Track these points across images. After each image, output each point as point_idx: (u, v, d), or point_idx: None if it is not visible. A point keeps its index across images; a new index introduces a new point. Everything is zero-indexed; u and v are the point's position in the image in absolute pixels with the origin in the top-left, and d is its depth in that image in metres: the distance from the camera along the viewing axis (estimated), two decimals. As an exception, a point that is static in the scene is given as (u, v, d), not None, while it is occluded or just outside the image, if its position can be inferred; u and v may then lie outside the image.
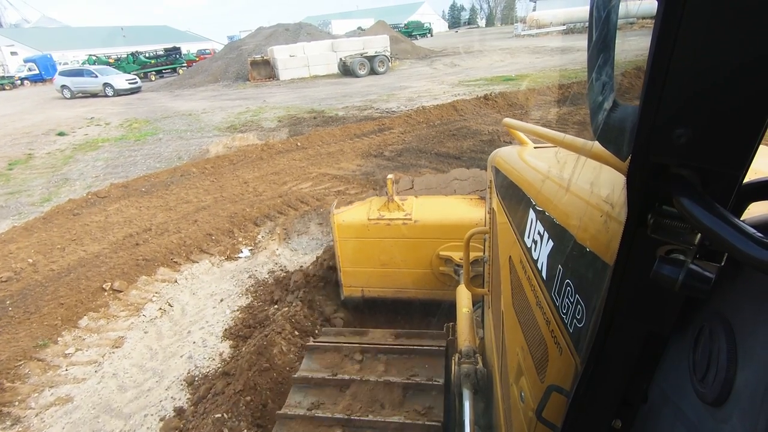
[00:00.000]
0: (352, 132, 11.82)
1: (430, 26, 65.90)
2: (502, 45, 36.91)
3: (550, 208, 1.03)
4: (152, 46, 57.79)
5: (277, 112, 16.65)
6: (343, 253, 3.97)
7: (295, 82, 26.12)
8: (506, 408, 1.40)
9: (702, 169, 0.52)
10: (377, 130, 11.88)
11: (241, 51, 32.88)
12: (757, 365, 0.51)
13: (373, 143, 10.80)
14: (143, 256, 5.89)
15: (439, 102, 15.54)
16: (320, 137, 11.47)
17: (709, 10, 0.44)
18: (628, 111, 0.57)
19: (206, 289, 5.17)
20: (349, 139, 11.37)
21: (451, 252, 3.67)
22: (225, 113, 17.29)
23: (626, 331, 0.69)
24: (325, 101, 18.23)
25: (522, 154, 1.57)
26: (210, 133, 13.70)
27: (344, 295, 4.18)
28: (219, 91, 25.14)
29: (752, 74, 0.45)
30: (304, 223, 6.65)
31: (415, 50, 35.54)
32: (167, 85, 29.59)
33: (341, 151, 10.45)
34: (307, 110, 16.42)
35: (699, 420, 0.60)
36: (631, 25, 0.65)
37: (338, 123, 13.40)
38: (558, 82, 16.59)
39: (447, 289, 3.69)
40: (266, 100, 19.77)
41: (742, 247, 0.43)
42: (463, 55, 32.57)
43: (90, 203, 8.16)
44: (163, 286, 5.29)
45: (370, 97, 18.42)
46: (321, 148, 10.69)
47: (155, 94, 26.17)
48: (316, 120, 14.01)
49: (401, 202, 3.86)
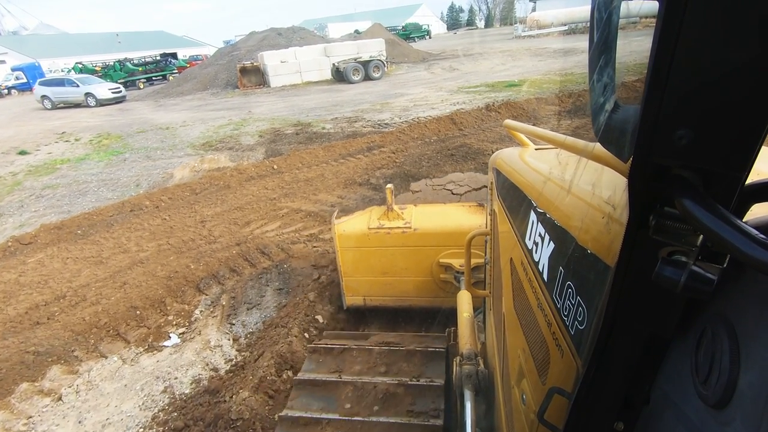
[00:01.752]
0: (337, 152, 10.26)
1: (429, 28, 64.32)
2: (502, 47, 35.29)
3: (552, 210, 1.01)
4: (148, 52, 56.71)
5: (260, 125, 15.11)
6: (344, 263, 3.95)
7: (285, 90, 24.57)
8: (508, 410, 1.39)
9: (704, 171, 0.52)
10: (365, 149, 10.32)
11: (232, 57, 31.34)
12: (760, 367, 0.50)
13: (360, 166, 9.24)
14: (37, 345, 4.33)
15: (436, 112, 13.97)
16: (300, 158, 9.91)
17: (710, 10, 0.43)
18: (630, 112, 0.57)
19: (100, 414, 3.57)
20: (333, 160, 9.81)
21: (451, 259, 3.65)
22: (205, 126, 15.74)
23: (628, 333, 0.69)
24: (314, 112, 16.68)
25: (523, 156, 1.57)
26: (181, 152, 12.16)
27: (346, 304, 4.18)
28: (205, 100, 23.59)
29: (754, 75, 0.44)
30: (259, 289, 5.09)
31: (413, 53, 33.94)
32: (154, 93, 28.04)
33: (321, 176, 8.89)
34: (293, 122, 14.87)
35: (701, 422, 0.59)
36: (634, 25, 0.63)
37: (323, 140, 11.85)
38: (566, 89, 14.96)
39: (448, 296, 3.67)
40: (251, 111, 18.22)
41: (745, 248, 0.43)
42: (462, 58, 30.95)
43: (9, 253, 6.61)
44: (42, 404, 3.70)
45: (362, 106, 16.86)
46: (299, 173, 9.13)
47: (139, 103, 24.62)
48: (299, 136, 12.44)
49: (401, 211, 3.85)
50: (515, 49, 32.62)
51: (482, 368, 2.00)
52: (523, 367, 1.14)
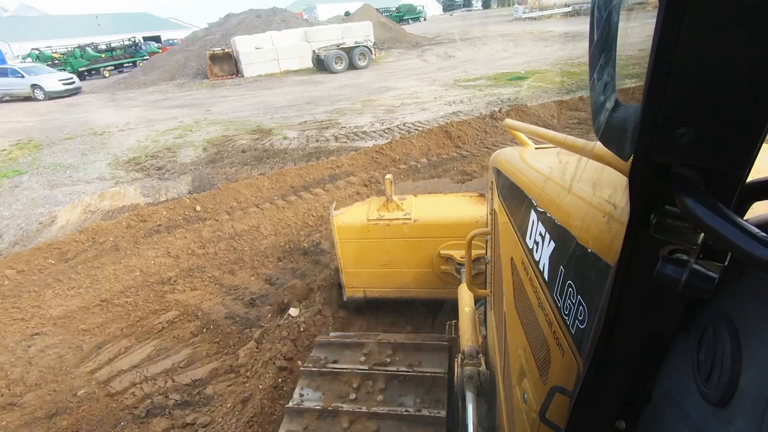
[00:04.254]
0: (289, 182, 7.32)
1: (423, 10, 60.06)
2: (502, 30, 31.79)
3: (552, 209, 1.01)
4: (128, 35, 52.60)
5: (212, 130, 12.07)
6: (344, 255, 3.76)
7: (259, 81, 21.30)
8: (509, 409, 1.40)
9: (705, 169, 0.51)
10: (328, 179, 7.38)
11: (205, 42, 27.84)
12: (762, 365, 0.49)
13: (313, 212, 6.33)
14: None
15: (427, 116, 10.97)
16: (235, 195, 6.97)
17: (710, 8, 0.43)
18: (630, 111, 0.55)
19: None
20: (280, 197, 6.89)
21: (452, 250, 3.51)
22: (147, 132, 12.67)
23: (629, 332, 0.68)
24: (282, 112, 13.61)
25: (523, 155, 1.54)
26: (94, 174, 9.16)
27: (346, 296, 3.99)
28: (167, 93, 20.31)
29: (755, 73, 0.43)
30: None
31: (405, 38, 30.45)
32: (115, 84, 24.63)
33: (255, 230, 5.99)
34: (251, 128, 11.84)
35: (703, 421, 0.58)
36: (633, 23, 0.61)
37: (277, 159, 8.87)
38: (586, 84, 11.95)
39: (449, 288, 3.52)
40: (210, 110, 15.09)
41: (746, 246, 0.42)
42: (458, 43, 27.55)
43: None
44: None
45: (340, 104, 13.80)
46: (226, 222, 6.21)
47: (92, 97, 21.27)
48: (245, 154, 9.38)
49: (400, 202, 3.69)
50: (517, 32, 29.19)
51: (484, 368, 1.96)
52: (524, 367, 1.13)
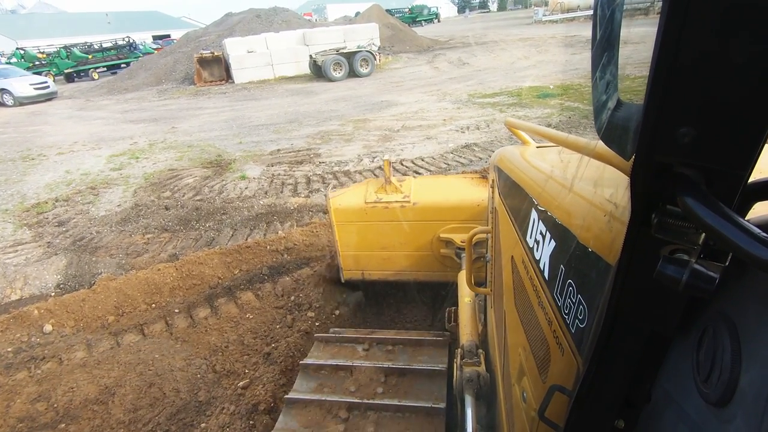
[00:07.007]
0: (207, 277, 4.56)
1: (437, 11, 56.91)
2: (521, 34, 28.63)
3: (553, 208, 0.99)
4: (140, 33, 50.67)
5: (161, 159, 9.39)
6: (341, 238, 3.56)
7: (248, 89, 18.60)
8: (508, 408, 1.37)
9: (706, 169, 0.50)
10: (266, 274, 4.61)
11: (199, 43, 25.29)
12: (762, 366, 0.49)
13: (226, 352, 3.57)
14: None
15: (433, 148, 8.09)
16: (117, 299, 4.24)
17: (713, 7, 0.42)
18: (632, 110, 0.55)
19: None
20: (183, 309, 4.13)
21: (452, 234, 3.31)
22: (87, 157, 10.04)
23: (629, 331, 0.67)
24: (256, 133, 10.88)
25: (524, 154, 1.52)
26: (-29, 231, 6.54)
27: (344, 278, 3.79)
28: (142, 101, 17.72)
29: (757, 73, 0.43)
30: None
31: (415, 41, 27.51)
32: (96, 88, 22.15)
33: (109, 398, 3.26)
34: (210, 158, 9.12)
35: (702, 420, 0.58)
36: (636, 22, 0.61)
37: (213, 222, 6.11)
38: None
39: (448, 271, 3.37)
40: (176, 126, 12.43)
41: (747, 246, 0.42)
42: (474, 48, 24.51)
43: None
44: None
45: (327, 125, 11.02)
46: (69, 373, 3.49)
47: (64, 104, 18.81)
48: (169, 212, 6.60)
49: (399, 184, 3.44)
50: (538, 36, 26.03)
51: (483, 370, 1.91)
52: (524, 365, 1.11)
